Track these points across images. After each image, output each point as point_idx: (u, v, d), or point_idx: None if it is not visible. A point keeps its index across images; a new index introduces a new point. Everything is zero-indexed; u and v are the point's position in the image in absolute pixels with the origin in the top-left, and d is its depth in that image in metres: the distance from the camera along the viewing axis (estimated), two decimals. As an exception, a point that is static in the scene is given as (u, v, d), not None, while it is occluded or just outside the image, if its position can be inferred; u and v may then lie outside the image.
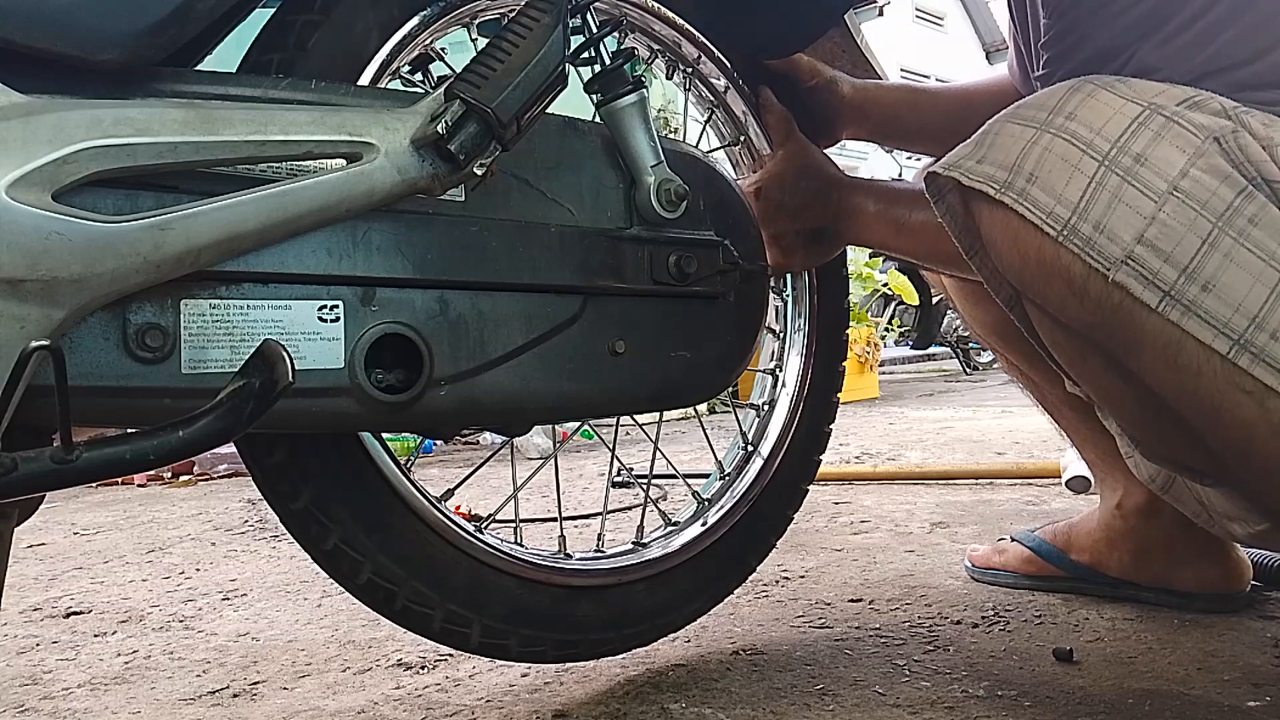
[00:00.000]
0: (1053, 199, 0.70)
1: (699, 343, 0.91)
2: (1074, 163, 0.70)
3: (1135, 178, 0.68)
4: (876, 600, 1.26)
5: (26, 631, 1.35)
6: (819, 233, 1.05)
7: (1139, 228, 0.67)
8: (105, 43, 0.62)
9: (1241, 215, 0.67)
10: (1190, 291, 0.66)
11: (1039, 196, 0.70)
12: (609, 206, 0.87)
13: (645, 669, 1.04)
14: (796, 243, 1.06)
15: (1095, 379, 0.83)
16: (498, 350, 0.79)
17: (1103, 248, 0.68)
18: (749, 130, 1.12)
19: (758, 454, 1.11)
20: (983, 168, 0.74)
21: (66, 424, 0.55)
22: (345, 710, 0.97)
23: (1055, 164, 0.70)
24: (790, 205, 1.04)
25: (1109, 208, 0.68)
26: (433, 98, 0.72)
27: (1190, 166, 0.68)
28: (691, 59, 1.07)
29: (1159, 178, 0.68)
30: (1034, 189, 0.71)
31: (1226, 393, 0.67)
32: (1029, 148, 0.72)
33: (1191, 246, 0.66)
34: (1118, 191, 0.68)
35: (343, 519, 0.83)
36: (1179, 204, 0.67)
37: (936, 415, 4.01)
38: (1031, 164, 0.71)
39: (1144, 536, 1.19)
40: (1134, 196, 0.68)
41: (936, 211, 0.81)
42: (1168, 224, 0.67)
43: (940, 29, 16.94)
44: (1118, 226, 0.68)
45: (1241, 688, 0.91)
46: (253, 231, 0.64)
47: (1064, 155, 0.70)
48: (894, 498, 2.07)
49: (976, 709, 0.88)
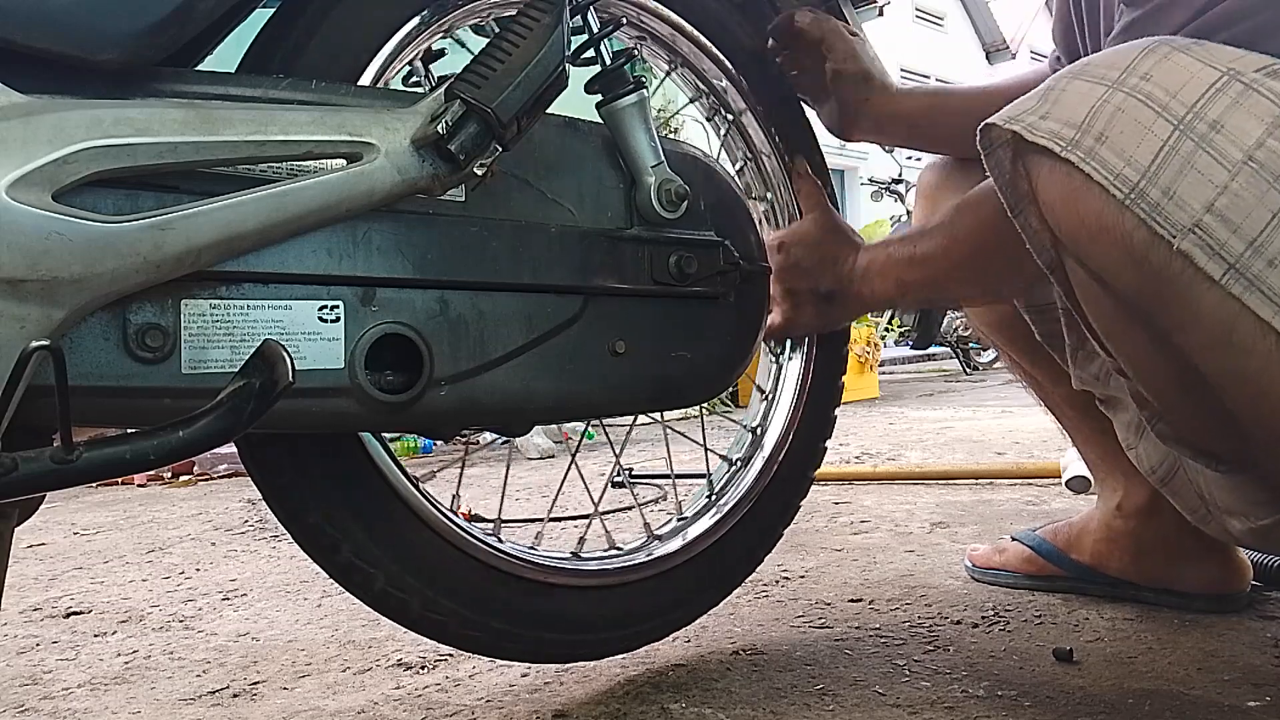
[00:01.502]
0: (1122, 160, 0.67)
1: (699, 343, 0.91)
2: (1147, 125, 0.67)
3: (1210, 144, 0.65)
4: (876, 600, 1.26)
5: (26, 631, 1.35)
6: (831, 296, 1.05)
7: (1209, 196, 0.65)
8: (105, 43, 0.62)
9: None
10: (1255, 265, 0.64)
11: (1108, 157, 0.67)
12: (609, 206, 0.87)
13: (645, 669, 1.04)
14: (807, 301, 1.05)
15: (1134, 352, 0.80)
16: (498, 350, 0.79)
17: (1170, 214, 0.65)
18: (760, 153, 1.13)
19: (759, 449, 1.12)
20: (1047, 124, 0.71)
21: (66, 424, 0.55)
22: (345, 710, 0.97)
23: (1127, 124, 0.67)
24: (807, 263, 1.05)
25: (1180, 173, 0.65)
26: (433, 98, 0.72)
27: (1267, 137, 0.65)
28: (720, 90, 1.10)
29: (1234, 146, 0.65)
30: (1103, 149, 0.68)
31: (1277, 373, 0.65)
32: (1099, 106, 0.69)
33: (1261, 220, 0.64)
34: (1190, 157, 0.66)
35: (353, 531, 0.84)
36: (1253, 174, 0.65)
37: (936, 415, 4.01)
38: (1102, 123, 0.68)
39: (1144, 536, 1.19)
40: (1207, 164, 0.65)
41: (986, 165, 0.78)
42: (1240, 194, 0.65)
43: (940, 29, 16.94)
44: (1187, 194, 0.65)
45: (1241, 688, 0.91)
46: (253, 231, 0.64)
47: (1137, 116, 0.67)
48: (894, 498, 2.07)
49: (976, 709, 0.88)
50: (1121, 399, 1.02)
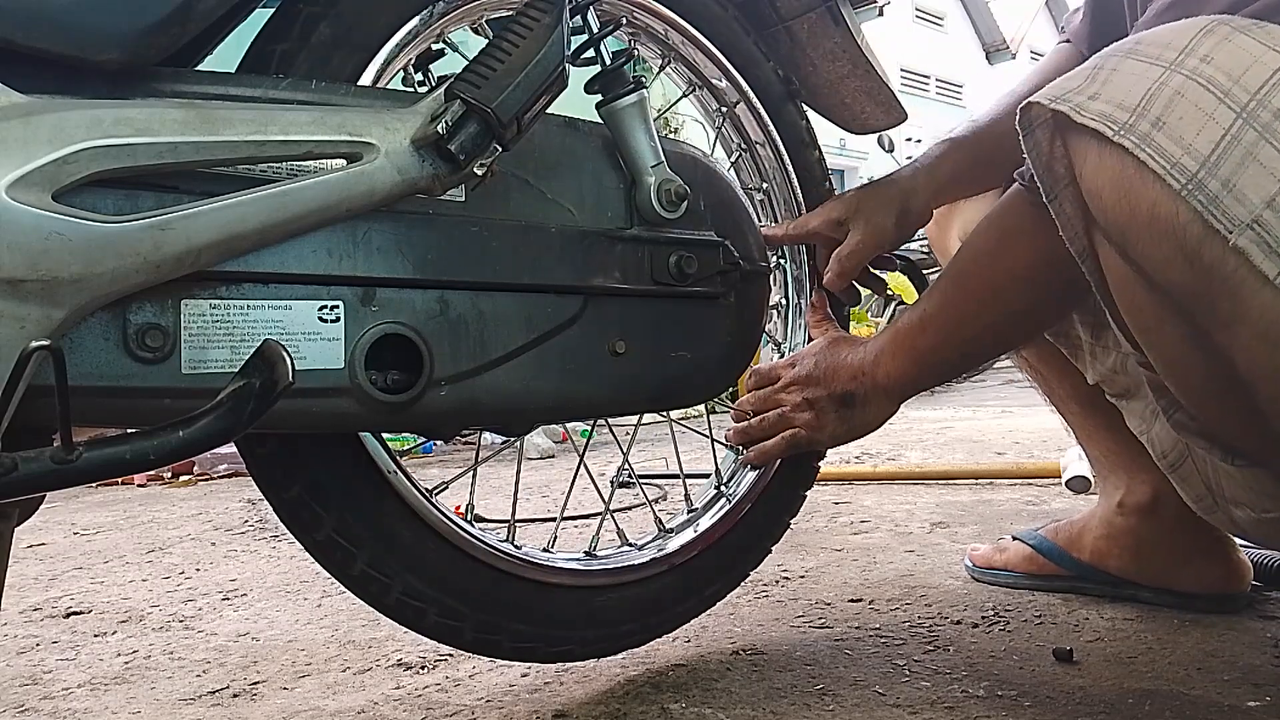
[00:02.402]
0: (1180, 148, 0.63)
1: (699, 343, 0.91)
2: (1209, 111, 0.63)
3: (1274, 135, 0.62)
4: (876, 600, 1.26)
5: (26, 631, 1.35)
6: (849, 398, 1.01)
7: (1270, 190, 0.61)
8: (105, 43, 0.62)
9: None
10: None
11: (1165, 144, 0.63)
12: (609, 207, 0.87)
13: (645, 669, 1.04)
14: (828, 409, 1.02)
15: (1168, 347, 0.78)
16: (498, 350, 0.79)
17: (1228, 208, 0.62)
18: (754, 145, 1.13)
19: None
20: (1097, 104, 0.67)
21: (66, 424, 0.55)
22: (345, 710, 0.97)
23: (1187, 110, 0.63)
24: (820, 370, 1.03)
25: (1241, 165, 0.62)
26: (433, 98, 0.72)
27: None
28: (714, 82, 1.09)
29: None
30: (1159, 135, 0.64)
31: None
32: (1156, 88, 0.65)
33: None
34: (1253, 148, 0.62)
35: (367, 543, 0.85)
36: None
37: (936, 415, 4.01)
38: (1159, 107, 0.64)
39: (1145, 534, 1.19)
40: (1270, 156, 0.62)
41: (1022, 145, 0.74)
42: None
43: (940, 29, 16.94)
44: (1248, 187, 0.62)
45: (1241, 688, 0.91)
46: (253, 231, 0.64)
47: (1198, 101, 0.63)
48: (894, 498, 2.07)
49: (976, 709, 0.88)
50: (1136, 388, 1.01)
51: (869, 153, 11.17)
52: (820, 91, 1.17)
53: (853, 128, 1.22)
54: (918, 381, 0.99)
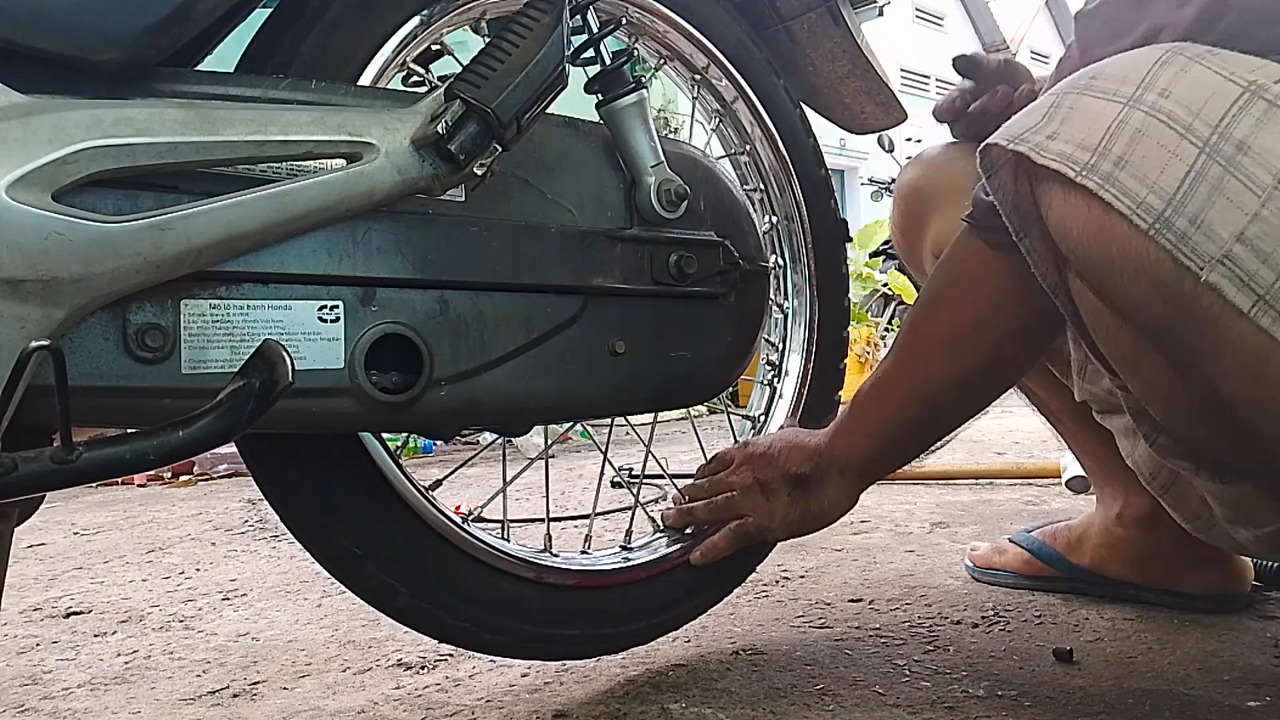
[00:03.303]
0: (1145, 187, 0.62)
1: (699, 343, 0.91)
2: (1171, 148, 0.62)
3: (1238, 168, 0.61)
4: (876, 600, 1.26)
5: (26, 631, 1.35)
6: (804, 479, 0.96)
7: (1239, 225, 0.61)
8: (105, 43, 0.62)
9: None
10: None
11: (1129, 184, 0.63)
12: (609, 207, 0.87)
13: (645, 669, 1.04)
14: (780, 491, 0.97)
15: (1149, 378, 0.77)
16: (498, 350, 0.79)
17: (1198, 245, 0.61)
18: (754, 140, 1.13)
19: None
20: (1057, 144, 0.66)
21: (66, 424, 0.55)
22: (345, 710, 0.97)
23: (1150, 148, 0.63)
24: (775, 449, 0.99)
25: (1208, 200, 0.61)
26: (433, 98, 0.72)
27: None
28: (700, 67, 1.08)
29: (1263, 170, 0.61)
30: (1123, 175, 0.63)
31: None
32: (1116, 126, 0.64)
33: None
34: (1219, 183, 0.61)
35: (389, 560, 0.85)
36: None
37: (936, 415, 4.00)
38: (1121, 146, 0.64)
39: (1145, 544, 1.18)
40: (1236, 190, 0.61)
41: (988, 187, 0.74)
42: (1271, 222, 0.60)
43: (940, 29, 16.95)
44: (1216, 222, 0.61)
45: (1241, 688, 0.91)
46: (253, 231, 0.64)
47: (1159, 139, 0.63)
48: (894, 498, 2.07)
49: (976, 709, 0.88)
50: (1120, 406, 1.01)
51: (869, 153, 11.17)
52: (820, 91, 1.17)
53: (853, 128, 1.22)
54: (877, 458, 0.94)
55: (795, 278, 1.16)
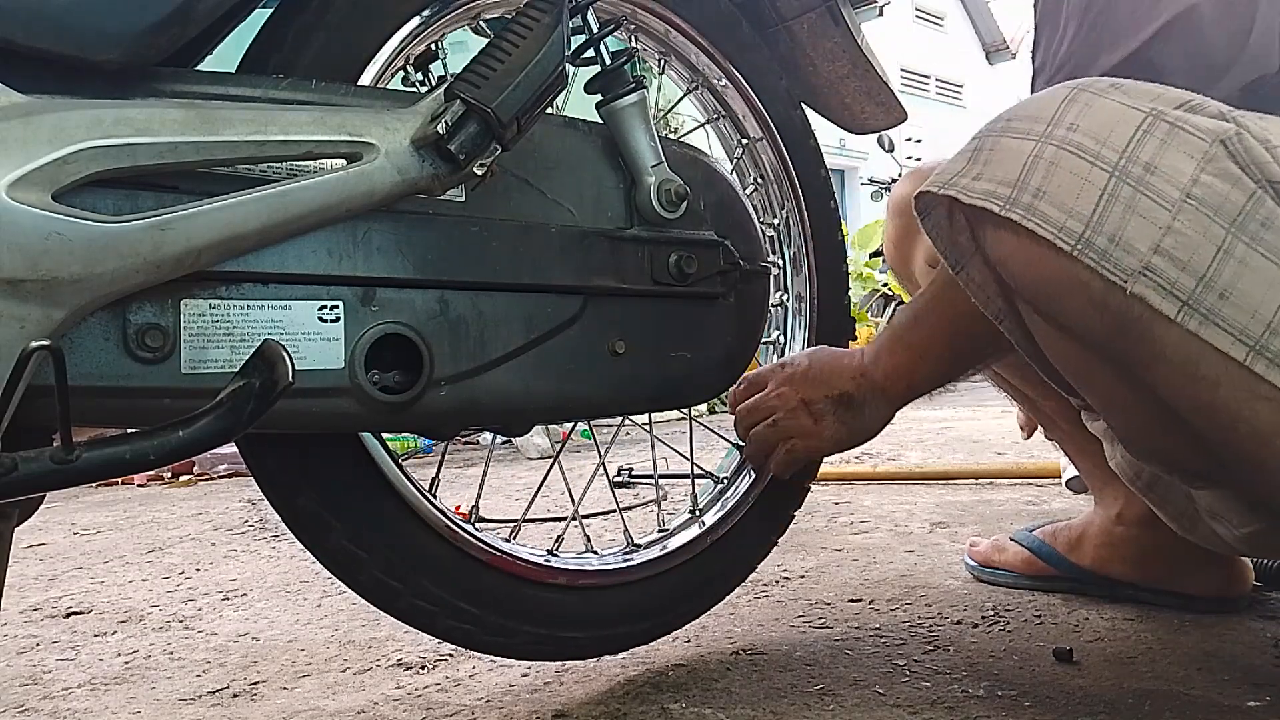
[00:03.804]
0: (1064, 213, 0.68)
1: (699, 343, 0.91)
2: (1083, 175, 0.68)
3: (1147, 187, 0.67)
4: (876, 600, 1.26)
5: (26, 631, 1.35)
6: (849, 399, 0.99)
7: (1155, 238, 0.66)
8: (105, 43, 0.62)
9: (1254, 220, 0.66)
10: (1208, 300, 0.65)
11: (1049, 211, 0.68)
12: (609, 206, 0.87)
13: (645, 669, 1.04)
14: (826, 412, 0.99)
15: (1103, 391, 0.82)
16: (498, 350, 0.79)
17: (1119, 260, 0.66)
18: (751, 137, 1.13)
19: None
20: (981, 184, 0.72)
21: (66, 424, 0.55)
22: (345, 710, 0.97)
23: (1063, 178, 0.68)
24: (815, 369, 1.01)
25: (1123, 219, 0.66)
26: (433, 98, 0.72)
27: (1200, 172, 0.66)
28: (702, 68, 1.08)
29: (1171, 186, 0.66)
30: (1042, 204, 0.69)
31: (1245, 402, 0.66)
32: (1032, 161, 0.70)
33: (1208, 254, 0.65)
34: (1131, 202, 0.67)
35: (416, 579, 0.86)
36: (1193, 211, 0.66)
37: (936, 415, 4.00)
38: (1038, 179, 0.69)
39: (1146, 543, 1.18)
40: (1148, 207, 0.66)
41: (923, 228, 0.80)
42: (1183, 232, 0.66)
43: (940, 29, 16.94)
44: (1133, 238, 0.66)
45: (1241, 688, 0.91)
46: (253, 231, 0.64)
47: (1071, 168, 0.68)
48: (894, 498, 2.07)
49: (976, 709, 0.88)
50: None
51: (869, 153, 11.16)
52: (820, 91, 1.17)
53: (853, 128, 1.22)
54: (915, 379, 0.98)
55: (795, 280, 1.16)
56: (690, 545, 1.04)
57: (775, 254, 1.15)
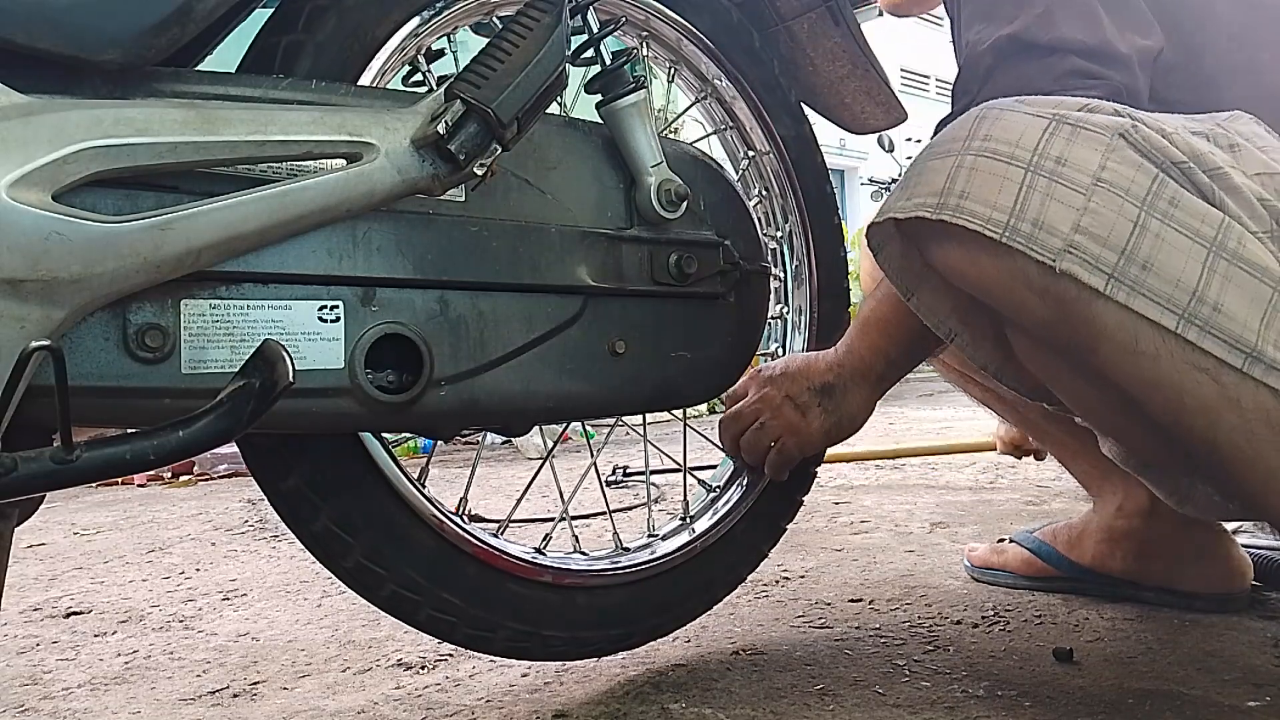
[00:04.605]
0: (989, 207, 0.73)
1: (699, 343, 0.91)
2: (1001, 174, 0.73)
3: (1060, 177, 0.72)
4: (876, 600, 1.26)
5: (26, 631, 1.35)
6: (829, 388, 1.02)
7: (1074, 219, 0.71)
8: (105, 43, 0.62)
9: (1161, 199, 0.71)
10: (1132, 271, 0.70)
11: (975, 208, 0.74)
12: (609, 207, 0.87)
13: (645, 669, 1.04)
14: (810, 404, 1.02)
15: (1067, 388, 0.85)
16: (498, 350, 0.79)
17: (1044, 241, 0.71)
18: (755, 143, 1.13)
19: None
20: (913, 201, 0.77)
21: (66, 424, 0.55)
22: (345, 710, 0.97)
23: (983, 179, 0.74)
24: (794, 368, 1.04)
25: (1043, 205, 0.72)
26: (433, 98, 0.72)
27: (1106, 160, 0.72)
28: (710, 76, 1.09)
29: (1081, 173, 0.72)
30: (968, 202, 0.74)
31: (1186, 374, 0.69)
32: (954, 171, 0.76)
33: (1125, 230, 0.70)
34: (1048, 190, 0.72)
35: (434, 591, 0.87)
36: (1105, 193, 0.71)
37: (937, 415, 4.00)
38: (961, 184, 0.75)
39: (1147, 535, 1.19)
40: (1063, 193, 0.72)
41: (877, 263, 0.86)
42: (1099, 212, 0.71)
43: (940, 29, 16.95)
44: (1054, 220, 0.71)
45: (1241, 688, 0.91)
46: (253, 232, 0.64)
47: (990, 170, 0.74)
48: (894, 498, 2.07)
49: (976, 709, 0.88)
50: None
51: (869, 152, 11.16)
52: (820, 91, 1.17)
53: (853, 128, 1.22)
54: (891, 354, 1.01)
55: (796, 293, 1.16)
56: (679, 551, 1.03)
57: (777, 266, 1.15)
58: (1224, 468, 0.73)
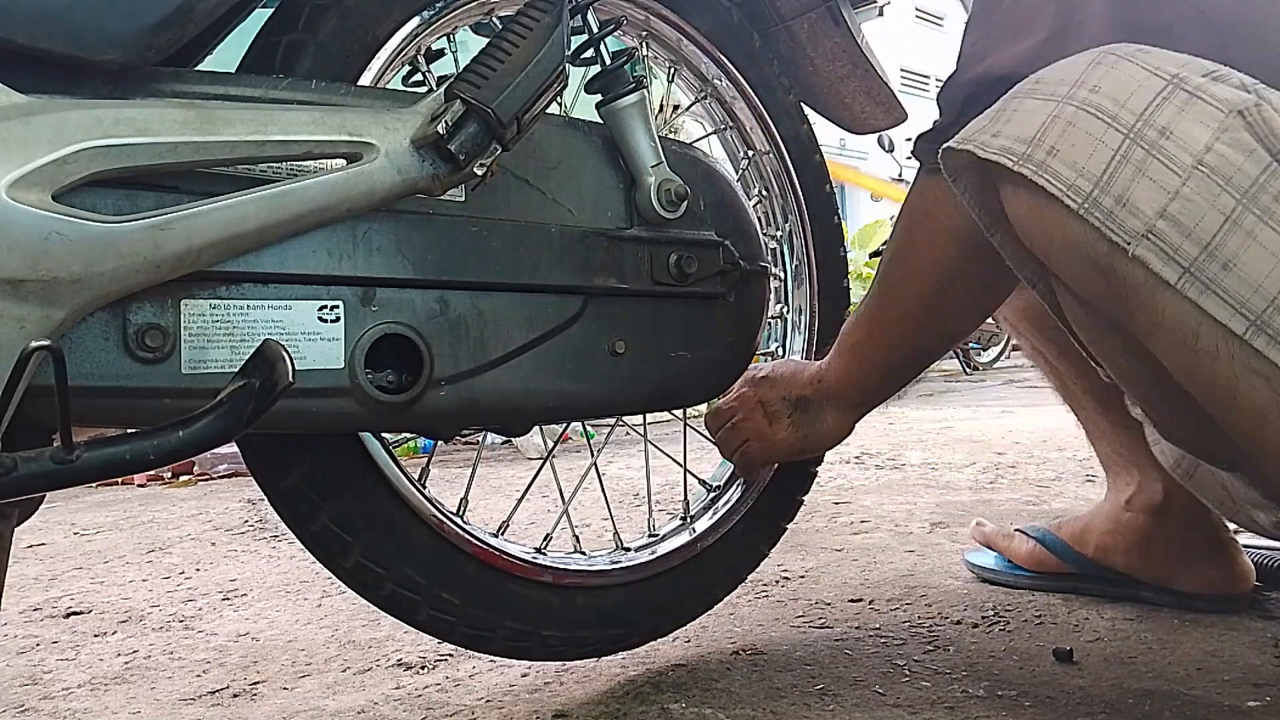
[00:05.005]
0: (1074, 172, 0.68)
1: (699, 343, 0.91)
2: (1098, 135, 0.68)
3: (1160, 151, 0.66)
4: (876, 600, 1.26)
5: (26, 631, 1.35)
6: (805, 403, 1.02)
7: (1162, 202, 0.65)
8: (105, 43, 0.62)
9: (1267, 192, 0.65)
10: (1210, 269, 0.65)
11: (1060, 169, 0.68)
12: (609, 206, 0.87)
13: (645, 669, 1.04)
14: (782, 414, 1.02)
15: (1115, 361, 0.82)
16: (498, 350, 0.79)
17: (1124, 221, 0.66)
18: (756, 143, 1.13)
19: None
20: (999, 140, 0.72)
21: (66, 424, 0.55)
22: (345, 710, 0.97)
23: (1078, 137, 0.68)
24: (777, 373, 1.04)
25: (1132, 181, 0.66)
26: (433, 98, 0.72)
27: (1215, 141, 0.66)
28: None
29: (1184, 152, 0.66)
30: (1055, 161, 0.69)
31: (1242, 376, 0.66)
32: (1050, 121, 0.70)
33: (1214, 223, 0.65)
34: (1142, 165, 0.66)
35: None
36: (1203, 179, 0.65)
37: (936, 415, 4.00)
38: (1053, 137, 0.69)
39: (1151, 532, 1.19)
40: (1158, 170, 0.66)
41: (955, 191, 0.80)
42: (1191, 199, 0.65)
43: (940, 29, 16.94)
44: (1140, 200, 0.66)
45: (1241, 688, 0.91)
46: (253, 231, 0.64)
47: (1087, 128, 0.68)
48: (894, 498, 2.07)
49: (976, 709, 0.88)
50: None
51: (869, 153, 11.17)
52: (820, 91, 1.17)
53: (853, 128, 1.23)
54: (865, 383, 0.99)
55: (796, 293, 1.16)
56: (679, 551, 1.04)
57: (777, 266, 1.15)
58: (1269, 465, 0.71)
